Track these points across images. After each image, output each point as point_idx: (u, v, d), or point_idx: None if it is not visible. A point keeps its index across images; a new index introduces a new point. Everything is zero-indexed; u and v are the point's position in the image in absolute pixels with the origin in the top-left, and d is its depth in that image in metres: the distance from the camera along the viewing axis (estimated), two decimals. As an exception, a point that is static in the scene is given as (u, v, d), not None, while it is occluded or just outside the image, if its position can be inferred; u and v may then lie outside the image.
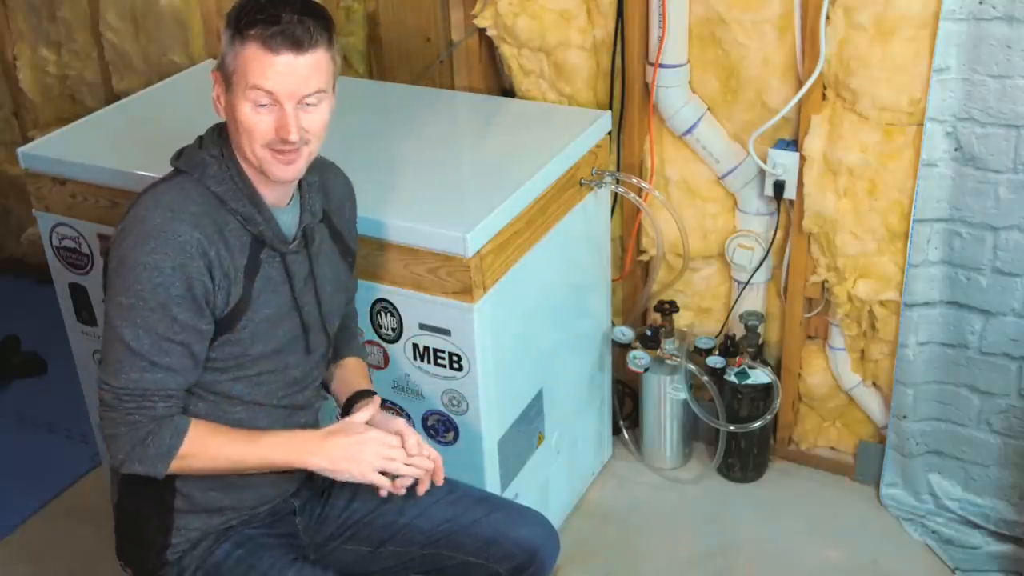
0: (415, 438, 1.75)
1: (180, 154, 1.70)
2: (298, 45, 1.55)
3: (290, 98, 1.58)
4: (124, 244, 1.59)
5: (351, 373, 1.93)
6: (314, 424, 1.87)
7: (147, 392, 1.59)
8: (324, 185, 1.81)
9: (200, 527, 1.74)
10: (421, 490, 1.76)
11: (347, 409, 1.86)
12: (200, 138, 1.71)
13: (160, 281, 1.56)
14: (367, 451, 1.69)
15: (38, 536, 2.67)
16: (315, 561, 1.84)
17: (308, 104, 1.60)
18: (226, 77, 1.61)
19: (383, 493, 1.74)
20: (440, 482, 1.78)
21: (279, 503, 1.82)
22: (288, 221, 1.72)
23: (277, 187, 1.68)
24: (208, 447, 1.64)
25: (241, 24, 1.56)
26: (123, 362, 1.59)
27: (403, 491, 1.75)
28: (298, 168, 1.64)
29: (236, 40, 1.57)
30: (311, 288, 1.76)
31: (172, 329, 1.58)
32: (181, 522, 1.73)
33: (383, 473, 1.71)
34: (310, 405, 1.85)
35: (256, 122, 1.59)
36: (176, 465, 1.62)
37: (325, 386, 1.92)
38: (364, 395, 1.86)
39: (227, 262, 1.63)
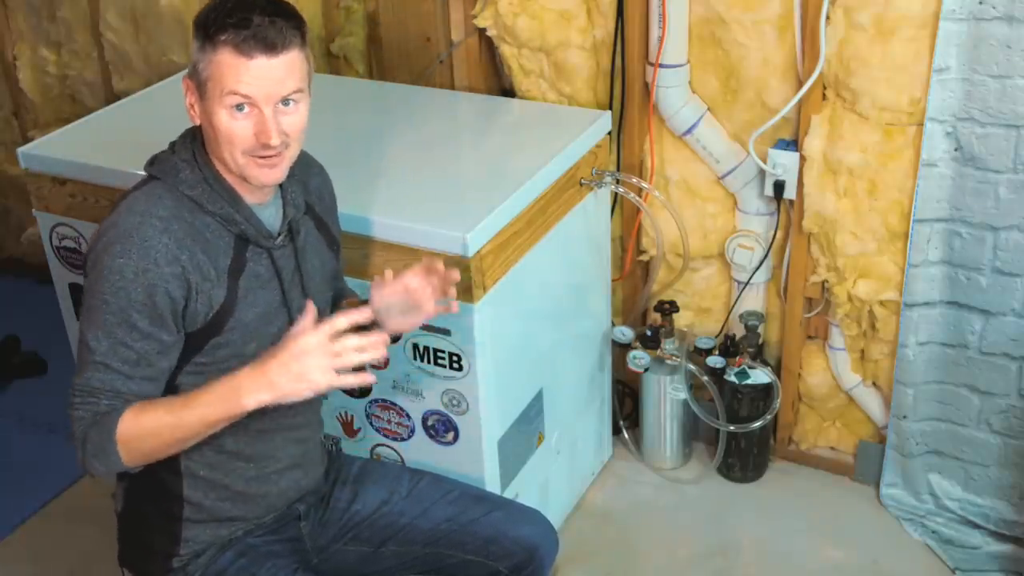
0: (344, 318, 1.54)
1: (153, 161, 1.68)
2: (271, 47, 1.53)
3: (268, 101, 1.55)
4: (96, 248, 1.58)
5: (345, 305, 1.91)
6: (318, 424, 1.87)
7: (94, 390, 1.56)
8: (301, 176, 1.78)
9: (207, 539, 1.74)
10: (432, 312, 1.74)
11: None
12: (172, 144, 1.69)
13: (121, 285, 1.54)
14: (308, 361, 1.50)
15: (38, 536, 2.67)
16: (316, 567, 1.85)
17: (286, 106, 1.57)
18: (199, 85, 1.57)
19: (369, 380, 1.54)
20: (457, 277, 1.73)
21: (284, 510, 1.82)
22: (271, 216, 1.70)
23: (257, 188, 1.66)
24: (145, 422, 1.54)
25: (211, 30, 1.53)
26: (82, 361, 1.58)
27: (373, 379, 1.58)
28: (280, 173, 1.62)
29: (207, 47, 1.54)
30: (298, 283, 1.74)
31: (130, 335, 1.56)
32: (189, 533, 1.72)
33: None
34: (310, 401, 1.84)
35: (235, 129, 1.56)
36: (128, 452, 1.54)
37: None
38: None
39: (205, 265, 1.60)
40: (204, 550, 1.74)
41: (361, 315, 1.57)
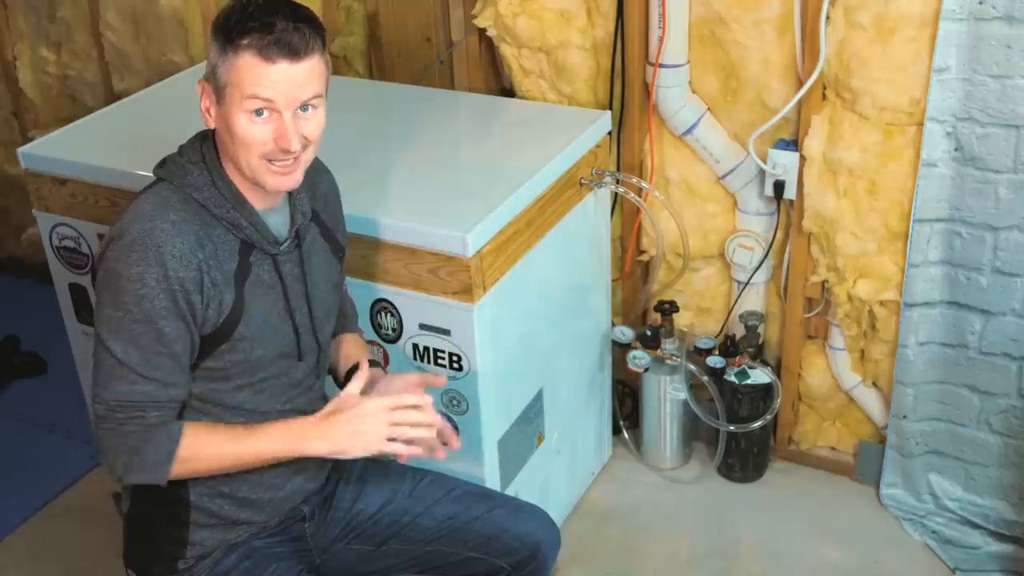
0: (418, 399, 1.67)
1: (163, 163, 1.67)
2: (295, 53, 1.52)
3: (288, 106, 1.54)
4: (108, 257, 1.57)
5: (349, 346, 1.92)
6: None
7: (137, 403, 1.57)
8: (309, 181, 1.76)
9: (214, 543, 1.74)
10: (440, 456, 1.73)
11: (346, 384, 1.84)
12: (181, 147, 1.68)
13: (144, 293, 1.54)
14: (368, 423, 1.61)
15: (38, 536, 2.67)
16: (319, 567, 1.85)
17: (305, 111, 1.57)
18: (217, 89, 1.56)
19: (402, 460, 1.67)
20: (457, 446, 1.76)
21: (289, 511, 1.82)
22: (278, 222, 1.70)
23: (267, 193, 1.65)
24: (205, 446, 1.61)
25: (233, 34, 1.52)
26: (113, 376, 1.57)
27: (420, 451, 1.68)
28: (296, 178, 1.61)
29: (228, 50, 1.53)
30: (303, 291, 1.74)
31: (160, 342, 1.56)
32: (196, 537, 1.73)
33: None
34: (315, 411, 1.84)
35: (254, 133, 1.55)
36: (178, 469, 1.60)
37: (332, 371, 1.91)
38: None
39: (215, 269, 1.60)
40: (210, 553, 1.74)
41: (433, 417, 1.67)
